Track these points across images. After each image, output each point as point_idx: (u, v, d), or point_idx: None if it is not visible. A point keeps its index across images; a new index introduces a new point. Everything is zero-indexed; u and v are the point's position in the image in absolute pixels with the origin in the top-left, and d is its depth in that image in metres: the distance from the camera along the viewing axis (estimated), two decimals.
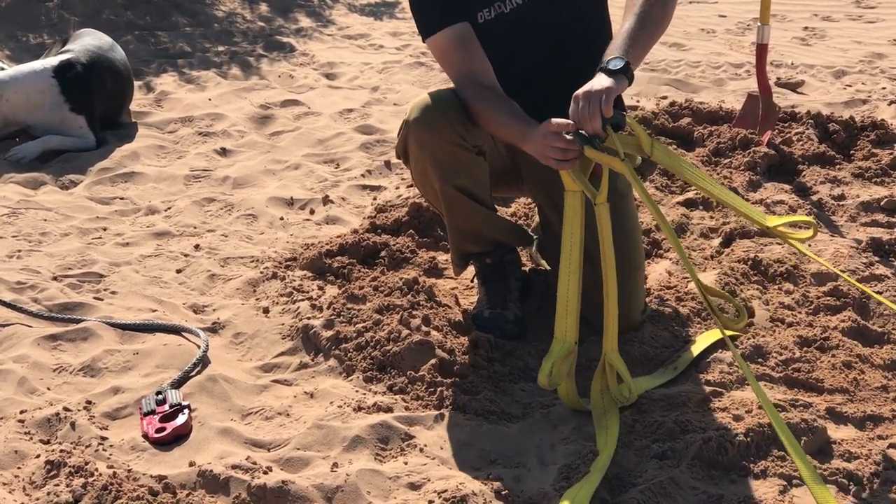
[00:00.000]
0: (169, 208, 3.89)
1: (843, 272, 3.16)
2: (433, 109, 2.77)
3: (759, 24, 4.23)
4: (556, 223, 2.55)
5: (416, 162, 2.86)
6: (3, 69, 4.69)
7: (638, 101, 4.93)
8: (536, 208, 3.22)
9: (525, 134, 2.59)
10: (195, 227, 3.71)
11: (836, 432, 2.42)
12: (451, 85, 2.87)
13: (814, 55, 5.85)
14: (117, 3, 6.71)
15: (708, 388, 2.59)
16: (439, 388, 2.60)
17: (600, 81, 2.47)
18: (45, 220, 3.74)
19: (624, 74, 2.49)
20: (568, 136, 2.47)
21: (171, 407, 2.53)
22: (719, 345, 2.79)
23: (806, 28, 6.47)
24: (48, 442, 2.44)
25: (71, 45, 4.79)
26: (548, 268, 3.15)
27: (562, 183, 2.54)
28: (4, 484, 2.28)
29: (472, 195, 2.87)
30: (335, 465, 2.33)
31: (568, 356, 2.49)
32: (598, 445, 2.38)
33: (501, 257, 2.99)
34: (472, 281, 3.16)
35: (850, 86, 5.24)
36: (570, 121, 2.48)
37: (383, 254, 3.32)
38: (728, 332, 2.64)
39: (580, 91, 2.46)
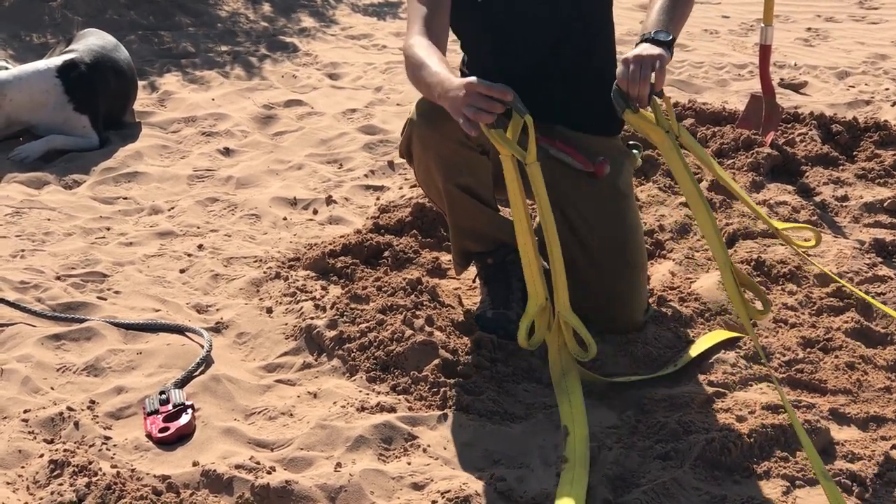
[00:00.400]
0: (172, 208, 3.90)
1: (846, 273, 3.16)
2: (438, 108, 2.77)
3: (762, 24, 4.23)
4: (557, 221, 2.55)
5: (420, 160, 2.86)
6: (6, 69, 4.69)
7: None
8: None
9: (449, 86, 2.45)
10: (198, 227, 3.72)
11: (839, 433, 2.43)
12: None
13: (817, 56, 5.85)
14: (121, 2, 6.71)
15: (711, 389, 2.59)
16: (442, 389, 2.60)
17: (649, 49, 2.44)
18: (49, 220, 3.74)
19: (669, 48, 2.48)
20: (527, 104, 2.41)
21: (174, 407, 2.53)
22: (721, 345, 2.79)
23: (809, 29, 6.47)
24: (52, 441, 2.44)
25: (75, 44, 4.79)
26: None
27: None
28: (8, 483, 2.28)
29: (475, 194, 2.86)
30: (338, 465, 2.33)
31: (544, 311, 2.51)
32: (563, 417, 2.38)
33: (503, 257, 2.98)
34: (473, 281, 3.16)
35: (853, 87, 5.23)
36: (498, 85, 2.36)
37: (386, 254, 3.32)
38: (737, 328, 2.64)
39: (630, 54, 2.44)
